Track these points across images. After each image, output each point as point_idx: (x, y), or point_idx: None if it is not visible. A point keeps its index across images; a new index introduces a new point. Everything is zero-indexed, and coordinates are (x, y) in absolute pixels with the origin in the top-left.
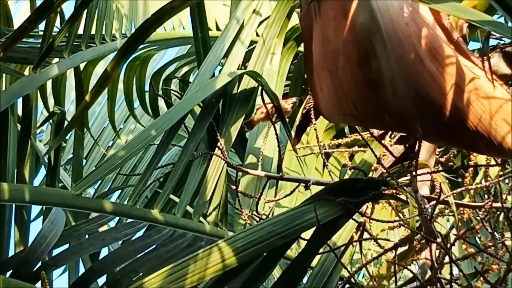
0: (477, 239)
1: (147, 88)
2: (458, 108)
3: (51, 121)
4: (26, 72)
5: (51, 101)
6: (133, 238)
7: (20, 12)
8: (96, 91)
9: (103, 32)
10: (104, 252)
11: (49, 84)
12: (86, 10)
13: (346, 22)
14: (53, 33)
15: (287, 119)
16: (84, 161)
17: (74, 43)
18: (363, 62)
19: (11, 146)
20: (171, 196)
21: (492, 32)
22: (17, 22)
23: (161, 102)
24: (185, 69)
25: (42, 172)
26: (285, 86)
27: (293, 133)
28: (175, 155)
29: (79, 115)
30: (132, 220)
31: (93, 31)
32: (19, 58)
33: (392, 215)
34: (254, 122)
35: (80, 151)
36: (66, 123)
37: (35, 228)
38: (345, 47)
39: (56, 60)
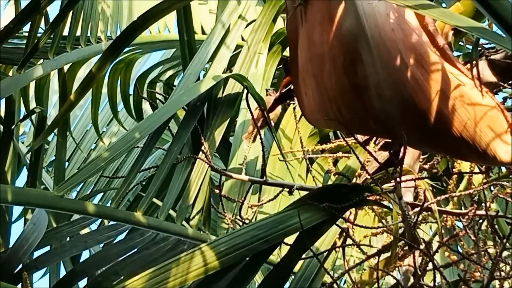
0: (459, 247)
1: (131, 91)
2: (443, 115)
3: (32, 122)
4: (10, 73)
5: (33, 104)
6: (116, 241)
7: (4, 13)
8: (81, 92)
9: (88, 34)
10: (85, 255)
11: (31, 88)
12: (71, 11)
13: (332, 26)
14: (38, 34)
15: (273, 123)
16: (67, 163)
17: (59, 45)
18: (349, 67)
19: None
20: (154, 200)
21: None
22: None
23: (146, 106)
24: (170, 72)
25: (24, 173)
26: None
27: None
28: (158, 158)
29: (63, 115)
30: (114, 222)
31: (78, 33)
32: (3, 58)
33: (375, 221)
34: (251, 132)
35: (62, 153)
36: (47, 124)
37: (16, 229)
38: (331, 51)
39: (40, 61)
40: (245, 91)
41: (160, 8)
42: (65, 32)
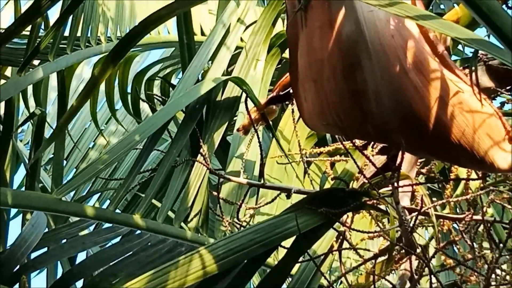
0: (456, 249)
1: (129, 89)
2: (442, 122)
3: (31, 121)
4: (6, 73)
5: (31, 101)
6: (114, 242)
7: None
8: (83, 97)
9: (89, 35)
10: (82, 256)
11: (30, 85)
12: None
13: (332, 32)
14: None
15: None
16: (65, 161)
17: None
18: (348, 73)
19: None
20: (153, 201)
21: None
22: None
23: (144, 103)
24: (168, 70)
25: (22, 170)
26: (269, 91)
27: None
28: (156, 158)
29: (65, 122)
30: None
31: (78, 34)
32: (3, 59)
33: (372, 224)
34: (247, 126)
35: (60, 152)
36: (46, 124)
37: (13, 226)
38: (330, 57)
39: (39, 61)
40: (244, 95)
41: (160, 14)
42: (65, 33)
